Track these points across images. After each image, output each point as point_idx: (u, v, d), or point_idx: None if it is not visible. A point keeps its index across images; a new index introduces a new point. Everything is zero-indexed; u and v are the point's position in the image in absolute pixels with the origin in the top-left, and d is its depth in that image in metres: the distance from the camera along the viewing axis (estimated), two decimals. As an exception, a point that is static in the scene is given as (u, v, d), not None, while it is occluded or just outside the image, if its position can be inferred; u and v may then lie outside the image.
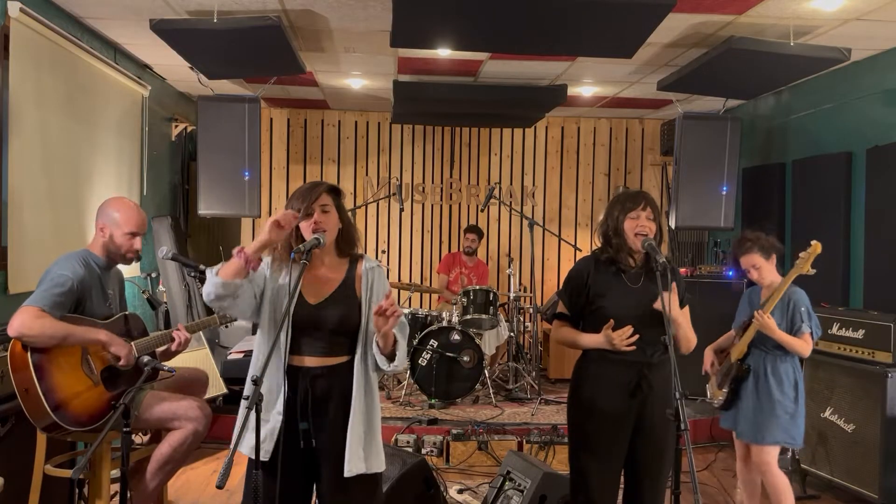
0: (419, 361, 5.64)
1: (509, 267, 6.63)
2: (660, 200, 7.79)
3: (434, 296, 7.65)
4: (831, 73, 5.38)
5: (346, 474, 2.41)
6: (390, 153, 8.05)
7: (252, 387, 2.20)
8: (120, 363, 3.05)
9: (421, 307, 7.33)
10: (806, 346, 3.44)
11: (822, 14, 4.24)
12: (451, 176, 8.12)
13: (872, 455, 4.05)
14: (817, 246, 3.38)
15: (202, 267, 4.02)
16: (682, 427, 2.34)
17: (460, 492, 4.38)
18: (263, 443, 2.35)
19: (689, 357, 3.55)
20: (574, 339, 2.90)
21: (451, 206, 8.15)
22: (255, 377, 2.24)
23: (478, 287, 6.20)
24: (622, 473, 2.90)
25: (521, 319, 6.90)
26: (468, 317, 6.01)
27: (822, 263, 3.45)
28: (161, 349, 3.27)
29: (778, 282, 3.54)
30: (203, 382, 3.65)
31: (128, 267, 4.65)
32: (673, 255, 7.47)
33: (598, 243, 2.95)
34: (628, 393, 2.79)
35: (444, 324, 5.84)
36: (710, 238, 7.51)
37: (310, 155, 8.01)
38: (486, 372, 5.85)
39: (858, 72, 5.20)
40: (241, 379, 2.58)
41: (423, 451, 4.83)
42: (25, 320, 2.82)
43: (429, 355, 5.64)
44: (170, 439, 3.17)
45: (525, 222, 6.56)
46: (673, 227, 6.27)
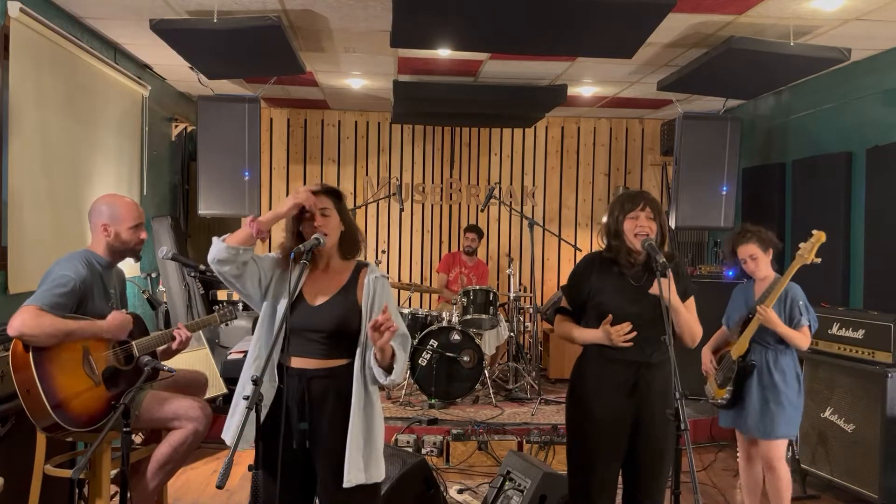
0: (419, 361, 5.64)
1: (509, 267, 6.63)
2: (660, 200, 7.76)
3: (434, 296, 7.65)
4: (831, 73, 5.38)
5: (346, 484, 2.36)
6: (390, 153, 8.05)
7: (252, 386, 2.20)
8: (122, 336, 3.07)
9: (421, 307, 7.33)
10: (805, 339, 3.47)
11: (822, 14, 4.24)
12: (451, 176, 8.12)
13: (872, 455, 4.06)
14: (821, 235, 3.39)
15: (202, 267, 4.02)
16: (682, 427, 2.33)
17: (460, 492, 4.38)
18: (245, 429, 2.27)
19: (689, 357, 3.55)
20: (572, 333, 2.91)
21: (451, 206, 8.15)
22: (255, 377, 2.23)
23: (478, 287, 6.20)
24: (621, 473, 2.90)
25: (521, 319, 6.90)
26: (468, 317, 6.01)
27: (822, 263, 3.45)
28: (161, 348, 3.26)
29: (772, 277, 3.55)
30: (202, 385, 3.64)
31: (128, 267, 4.65)
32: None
33: (601, 244, 2.96)
34: (627, 393, 2.79)
35: (444, 324, 5.84)
36: (710, 238, 7.52)
37: (310, 155, 8.01)
38: (486, 372, 5.85)
39: (858, 72, 5.20)
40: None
41: (423, 451, 4.83)
42: (25, 319, 2.81)
43: (429, 355, 5.64)
44: (170, 439, 3.17)
45: (525, 222, 6.56)
46: (673, 227, 6.27)
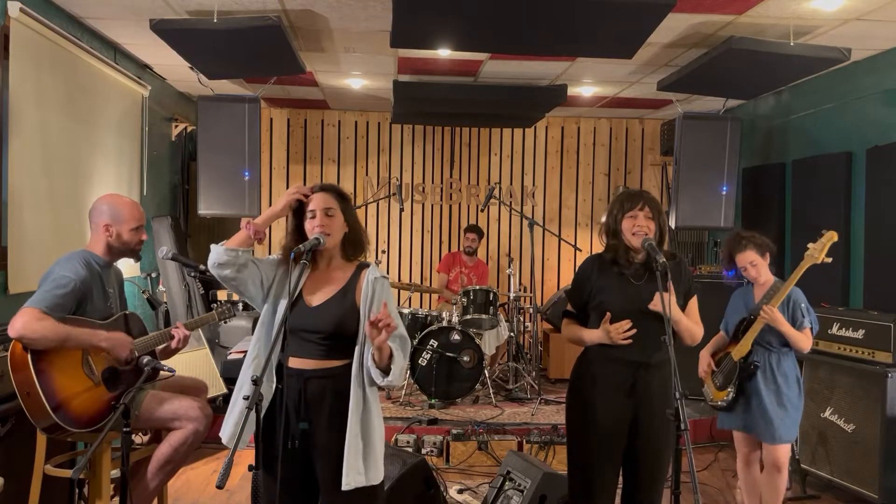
0: (419, 361, 5.63)
1: (509, 267, 6.63)
2: (660, 200, 7.75)
3: (434, 296, 7.65)
4: (831, 73, 5.38)
5: (345, 487, 2.34)
6: (390, 153, 8.05)
7: (252, 386, 2.20)
8: (120, 359, 3.04)
9: (421, 307, 7.33)
10: (808, 340, 3.48)
11: (822, 14, 4.24)
12: (451, 176, 8.12)
13: (872, 455, 4.06)
14: (833, 234, 3.39)
15: (202, 267, 4.01)
16: (682, 427, 2.34)
17: (460, 492, 4.38)
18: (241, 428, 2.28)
19: (689, 357, 3.55)
20: (579, 335, 2.93)
21: (451, 206, 8.14)
22: (255, 377, 2.23)
23: (478, 287, 6.20)
24: (621, 474, 2.90)
25: (521, 319, 6.90)
26: (468, 317, 6.01)
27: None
28: (160, 347, 3.26)
29: (771, 280, 3.55)
30: (202, 391, 3.62)
31: (128, 267, 4.65)
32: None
33: (602, 243, 2.97)
34: (627, 392, 2.80)
35: (444, 324, 5.84)
36: (710, 238, 7.51)
37: (310, 155, 8.01)
38: (486, 372, 5.85)
39: (858, 72, 5.20)
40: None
41: (423, 451, 4.83)
42: (27, 322, 2.81)
43: (429, 355, 5.63)
44: (170, 439, 3.17)
45: (525, 222, 6.55)
46: (673, 227, 6.26)
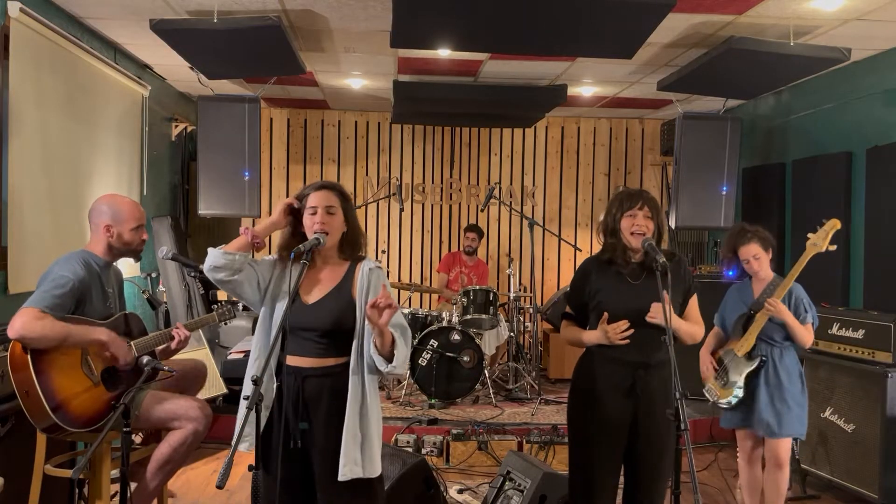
0: (419, 361, 5.63)
1: (509, 267, 6.63)
2: (660, 200, 7.77)
3: (434, 296, 7.65)
4: (831, 73, 5.38)
5: (341, 477, 2.37)
6: (390, 153, 8.05)
7: (252, 386, 2.20)
8: (119, 363, 3.05)
9: (421, 307, 7.33)
10: (811, 335, 3.49)
11: (822, 14, 4.24)
12: (451, 176, 8.12)
13: (872, 455, 4.05)
14: (835, 222, 3.38)
15: (202, 267, 4.01)
16: (682, 427, 2.34)
17: (460, 492, 4.38)
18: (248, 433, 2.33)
19: (689, 357, 3.54)
20: (578, 336, 2.94)
21: (451, 206, 8.14)
22: (255, 377, 2.24)
23: (478, 287, 6.20)
24: (622, 474, 2.90)
25: (521, 319, 6.90)
26: (468, 317, 6.00)
27: (822, 263, 3.45)
28: (160, 348, 3.26)
29: (771, 276, 3.55)
30: (202, 373, 3.62)
31: (128, 267, 4.64)
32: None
33: (600, 242, 2.96)
34: (626, 393, 2.79)
35: (444, 324, 5.84)
36: (710, 238, 7.51)
37: (310, 155, 8.01)
38: (486, 372, 5.85)
39: (858, 72, 5.20)
40: (241, 379, 2.58)
41: (423, 451, 4.83)
42: (27, 322, 2.80)
43: (429, 355, 5.64)
44: (170, 439, 3.16)
45: (525, 222, 6.56)
46: (673, 226, 6.27)
